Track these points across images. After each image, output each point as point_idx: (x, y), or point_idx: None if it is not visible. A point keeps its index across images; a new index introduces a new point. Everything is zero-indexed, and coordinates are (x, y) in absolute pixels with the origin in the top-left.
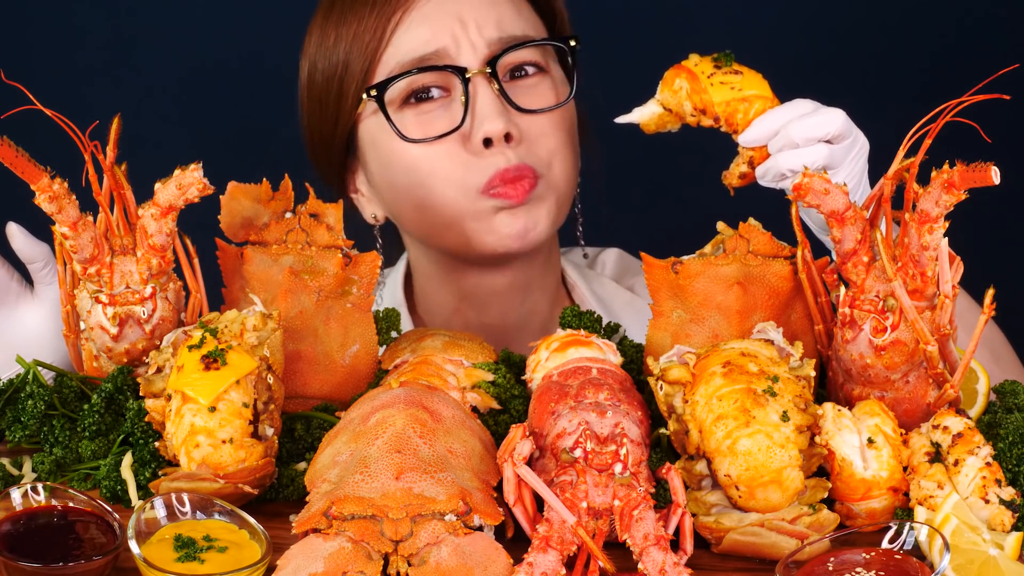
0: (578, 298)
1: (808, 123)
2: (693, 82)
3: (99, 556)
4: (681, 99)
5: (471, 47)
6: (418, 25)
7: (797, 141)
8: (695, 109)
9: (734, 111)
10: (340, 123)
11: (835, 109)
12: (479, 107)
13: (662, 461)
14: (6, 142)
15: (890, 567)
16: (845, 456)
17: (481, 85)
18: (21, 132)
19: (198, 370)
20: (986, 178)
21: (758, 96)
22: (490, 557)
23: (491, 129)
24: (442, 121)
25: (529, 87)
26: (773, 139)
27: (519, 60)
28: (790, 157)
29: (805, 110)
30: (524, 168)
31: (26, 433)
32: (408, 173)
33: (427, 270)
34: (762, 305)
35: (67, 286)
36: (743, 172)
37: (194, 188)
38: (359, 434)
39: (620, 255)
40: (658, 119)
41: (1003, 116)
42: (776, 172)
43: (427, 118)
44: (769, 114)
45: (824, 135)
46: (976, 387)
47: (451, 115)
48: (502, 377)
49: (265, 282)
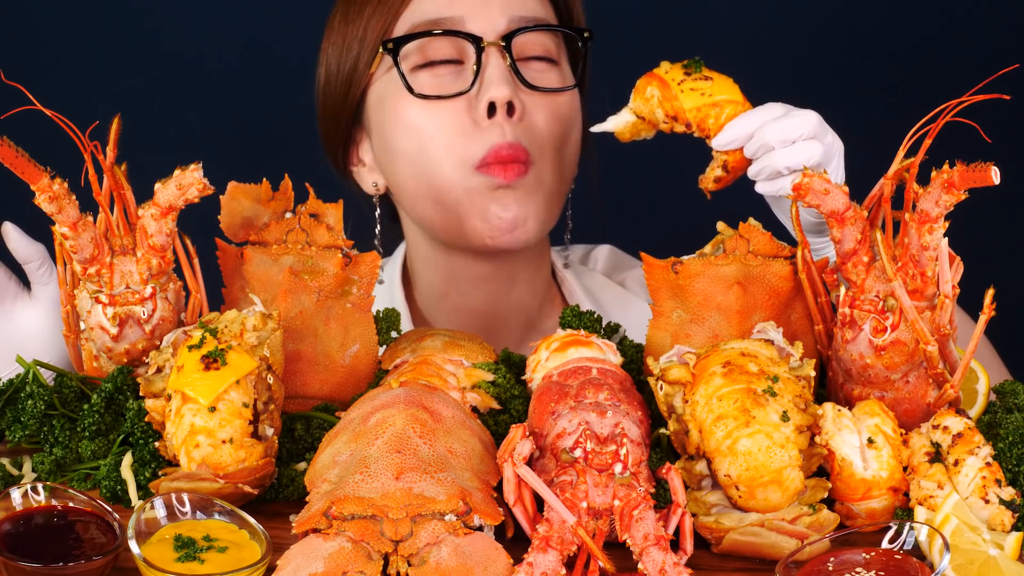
0: (567, 292)
1: (783, 125)
2: (664, 89)
3: (99, 556)
4: (653, 107)
5: (489, 20)
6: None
7: (773, 144)
8: (667, 116)
9: (705, 116)
10: (354, 83)
11: (808, 111)
12: (488, 74)
13: (662, 461)
14: (6, 142)
15: (890, 567)
16: (845, 456)
17: (493, 55)
18: (21, 132)
19: (198, 370)
20: (986, 178)
21: (729, 101)
22: (490, 557)
23: (496, 94)
24: (452, 87)
25: (539, 71)
26: (748, 143)
27: (533, 45)
28: (785, 154)
29: (777, 113)
30: (518, 148)
31: (26, 433)
32: (410, 135)
33: (421, 252)
34: (762, 305)
35: (67, 286)
36: (718, 176)
37: (194, 188)
38: (359, 434)
39: (612, 251)
40: (632, 127)
41: (1003, 116)
42: (772, 170)
43: (438, 82)
44: (741, 118)
45: (798, 137)
46: (976, 387)
47: (461, 82)
48: (502, 377)
49: (265, 282)
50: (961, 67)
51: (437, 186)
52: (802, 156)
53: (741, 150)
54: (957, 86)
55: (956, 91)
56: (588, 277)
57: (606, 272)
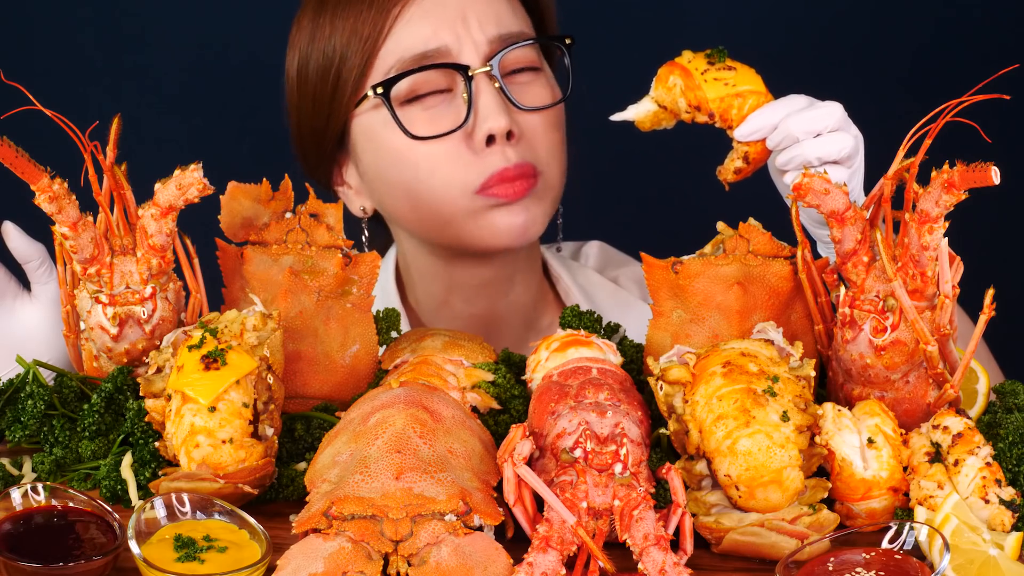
0: (562, 290)
1: (808, 116)
2: (687, 79)
3: (99, 556)
4: (675, 96)
5: (473, 44)
6: (419, 20)
7: (798, 135)
8: (689, 106)
9: (728, 107)
10: (334, 117)
11: (832, 103)
12: (482, 105)
13: (662, 461)
14: (6, 142)
15: (890, 567)
16: (845, 456)
17: (483, 83)
18: (21, 132)
19: (198, 370)
20: (986, 178)
21: (752, 92)
22: (490, 557)
23: (494, 126)
24: (446, 119)
25: (526, 84)
26: (772, 134)
27: (516, 59)
28: (816, 145)
29: (801, 104)
30: (526, 166)
31: (26, 433)
32: (407, 170)
33: (417, 262)
34: (762, 305)
35: (67, 286)
36: (738, 167)
37: (194, 188)
38: (359, 434)
39: (602, 247)
40: (653, 116)
41: (1003, 116)
42: (803, 160)
43: (431, 115)
44: (765, 109)
45: (823, 128)
46: (976, 387)
47: (454, 112)
48: (502, 377)
49: (265, 282)
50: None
51: (437, 211)
52: (833, 148)
53: (763, 142)
54: (957, 86)
55: (956, 91)
56: (582, 274)
57: (597, 268)
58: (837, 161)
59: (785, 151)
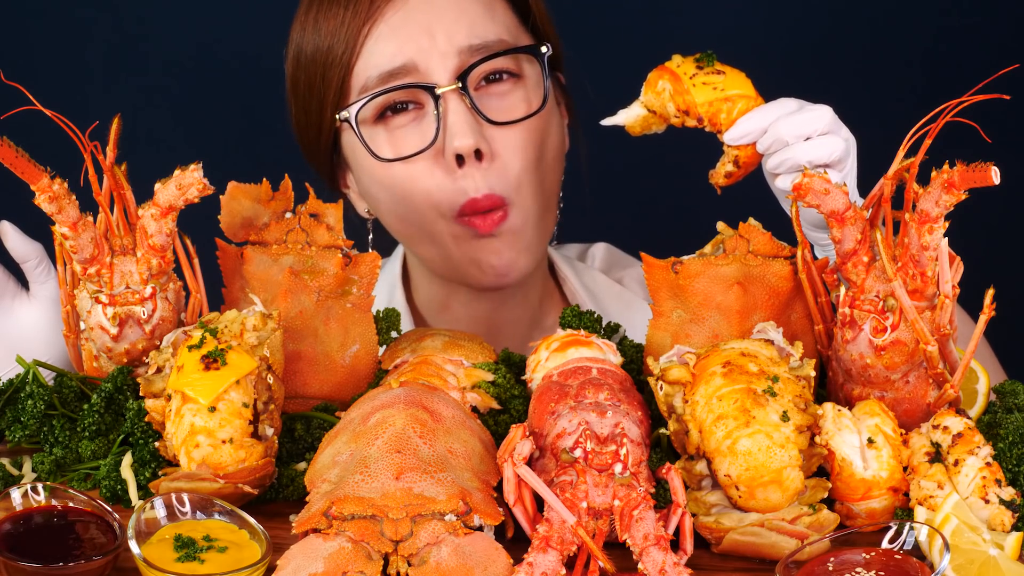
0: (569, 292)
1: (797, 120)
2: (676, 83)
3: (99, 556)
4: (664, 101)
5: (440, 59)
6: (386, 38)
7: (787, 139)
8: (678, 110)
9: (717, 111)
10: (323, 131)
11: (822, 106)
12: (451, 123)
13: (662, 461)
14: (6, 142)
15: (890, 567)
16: (845, 456)
17: (452, 100)
18: (21, 132)
19: (198, 370)
20: (986, 178)
21: (741, 95)
22: (490, 557)
23: (461, 145)
24: (415, 137)
25: (502, 94)
26: (762, 138)
27: (491, 68)
28: (807, 149)
29: (791, 108)
30: (493, 197)
31: (26, 433)
32: (387, 189)
33: (421, 265)
34: (762, 305)
35: (67, 286)
36: (729, 171)
37: (194, 188)
38: (359, 434)
39: (608, 249)
40: (643, 121)
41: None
42: (794, 163)
43: (400, 134)
44: (754, 112)
45: (813, 132)
46: (976, 387)
47: (423, 130)
48: (502, 377)
49: (265, 282)
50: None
51: (426, 230)
52: (824, 151)
53: (753, 145)
54: (957, 86)
55: (956, 91)
56: (588, 276)
57: (604, 270)
58: (828, 164)
59: (775, 155)
